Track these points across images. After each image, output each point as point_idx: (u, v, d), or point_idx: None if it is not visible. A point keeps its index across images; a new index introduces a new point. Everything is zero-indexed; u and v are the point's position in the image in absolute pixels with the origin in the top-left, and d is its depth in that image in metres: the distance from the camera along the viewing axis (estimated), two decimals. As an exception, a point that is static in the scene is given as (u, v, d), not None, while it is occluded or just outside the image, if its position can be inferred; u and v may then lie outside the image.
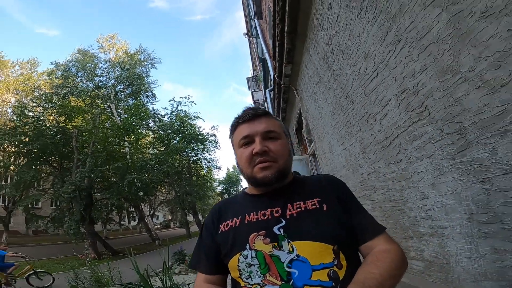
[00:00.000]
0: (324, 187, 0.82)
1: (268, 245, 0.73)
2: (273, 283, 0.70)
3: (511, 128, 0.77)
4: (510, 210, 0.81)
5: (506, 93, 0.78)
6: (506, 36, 0.79)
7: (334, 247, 0.69)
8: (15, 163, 14.65)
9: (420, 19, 1.18)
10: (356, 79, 1.85)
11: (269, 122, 0.83)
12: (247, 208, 0.82)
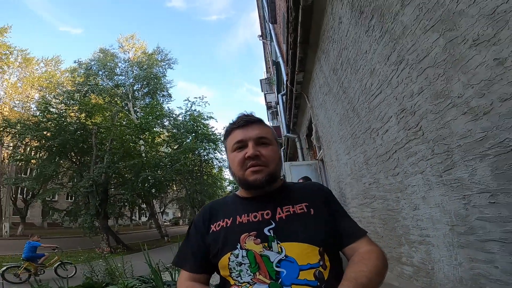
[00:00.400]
0: (311, 193, 0.87)
1: (259, 245, 0.76)
2: (263, 282, 0.73)
3: (489, 153, 0.86)
4: (483, 224, 0.90)
5: (487, 121, 0.87)
6: (492, 65, 0.87)
7: (320, 248, 0.74)
8: (36, 157, 15.29)
9: (420, 42, 1.27)
10: (362, 94, 1.94)
11: (261, 129, 0.87)
12: (239, 210, 0.85)
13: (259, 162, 0.82)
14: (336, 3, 2.39)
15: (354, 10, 2.03)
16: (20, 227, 18.84)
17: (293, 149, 7.23)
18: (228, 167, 0.91)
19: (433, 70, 1.14)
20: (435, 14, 1.16)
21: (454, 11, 1.04)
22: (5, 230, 17.51)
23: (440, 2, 1.12)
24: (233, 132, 0.88)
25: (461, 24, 1.00)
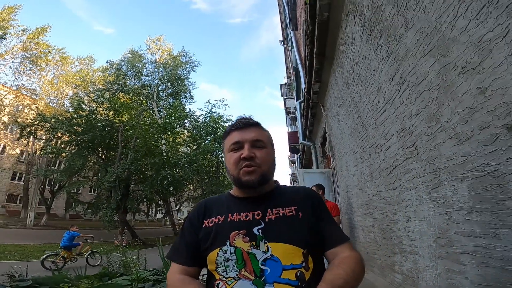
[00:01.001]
0: (301, 198, 0.90)
1: (247, 244, 0.80)
2: (247, 278, 0.77)
3: (468, 176, 0.94)
4: (459, 238, 0.98)
5: (468, 147, 0.95)
6: (475, 94, 0.94)
7: (304, 250, 0.77)
8: (66, 151, 16.20)
9: (419, 66, 1.35)
10: (370, 110, 2.02)
11: (258, 132, 0.91)
12: (231, 208, 0.89)
13: (253, 163, 0.85)
14: (350, 19, 2.49)
15: (365, 29, 2.12)
16: (44, 217, 19.64)
17: (309, 156, 7.28)
18: (225, 166, 0.94)
19: (429, 94, 1.23)
20: (432, 39, 1.24)
21: (449, 38, 1.11)
22: (29, 220, 18.02)
23: (437, 27, 1.20)
24: (231, 133, 0.92)
25: (453, 51, 1.08)
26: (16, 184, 25.91)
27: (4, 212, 23.78)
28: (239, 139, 0.89)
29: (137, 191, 17.08)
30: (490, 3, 0.91)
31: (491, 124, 0.84)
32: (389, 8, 1.71)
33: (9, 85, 20.27)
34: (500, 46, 0.86)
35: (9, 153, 25.61)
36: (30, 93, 21.01)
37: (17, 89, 20.10)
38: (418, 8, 1.38)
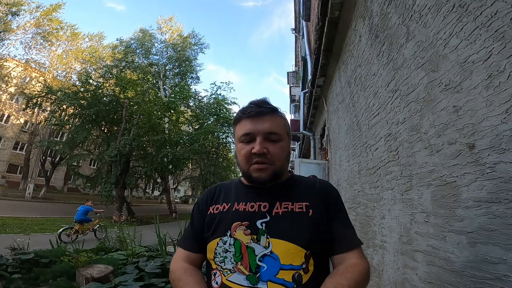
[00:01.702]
0: (316, 193, 0.83)
1: (247, 237, 0.76)
2: (242, 272, 0.73)
3: (432, 184, 1.08)
4: (417, 237, 1.14)
5: (437, 158, 1.08)
6: (451, 111, 1.06)
7: (307, 252, 0.73)
8: (70, 123, 16.45)
9: (412, 77, 1.45)
10: (366, 111, 2.14)
11: (273, 122, 0.82)
12: (239, 196, 0.85)
13: (265, 160, 0.79)
14: (359, 21, 2.54)
15: (371, 33, 2.19)
16: (43, 189, 19.87)
17: (308, 146, 7.43)
18: (235, 155, 0.88)
19: (415, 105, 1.35)
20: (427, 54, 1.32)
21: (440, 54, 1.18)
22: (28, 192, 18.09)
23: (433, 43, 1.27)
24: (242, 120, 0.84)
25: (442, 68, 1.16)
26: (18, 154, 26.26)
27: (4, 183, 24.18)
28: (251, 130, 0.81)
29: (137, 167, 17.35)
30: (482, 25, 0.95)
31: (457, 141, 0.97)
32: (396, 17, 1.78)
33: (18, 59, 20.53)
34: (480, 69, 0.93)
35: (13, 122, 25.89)
36: (39, 66, 21.27)
37: (26, 62, 20.28)
38: (421, 22, 1.45)
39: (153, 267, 3.25)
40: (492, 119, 0.81)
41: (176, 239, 5.30)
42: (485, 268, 0.77)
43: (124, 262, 3.72)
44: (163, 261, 3.51)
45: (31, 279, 3.29)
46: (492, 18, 0.87)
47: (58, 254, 3.81)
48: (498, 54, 0.84)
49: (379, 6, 2.04)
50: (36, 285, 3.23)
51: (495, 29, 0.86)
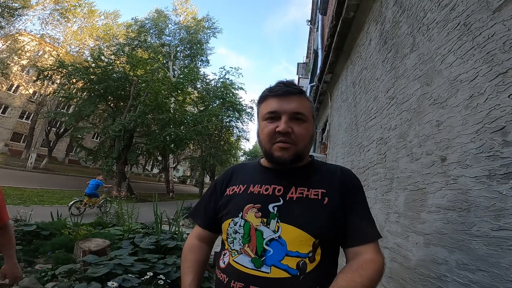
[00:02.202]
0: (335, 181, 0.81)
1: (258, 219, 0.76)
2: (248, 254, 0.74)
3: (407, 188, 1.21)
4: (388, 235, 1.28)
5: (415, 166, 1.20)
6: (434, 125, 1.15)
7: (316, 240, 0.72)
8: (78, 96, 16.62)
9: (409, 87, 1.54)
10: (364, 113, 2.23)
11: (300, 103, 0.81)
12: (255, 179, 0.85)
13: (289, 139, 0.78)
14: (372, 25, 2.58)
15: (381, 38, 2.24)
16: (45, 160, 20.11)
17: (308, 140, 7.53)
18: (257, 133, 0.87)
19: (406, 114, 1.45)
20: (425, 67, 1.39)
21: (436, 69, 1.24)
22: (30, 162, 18.25)
23: (432, 57, 1.33)
24: (269, 99, 0.83)
25: (435, 83, 1.23)
26: (23, 123, 26.57)
27: (6, 151, 24.65)
28: (277, 108, 0.80)
29: (139, 144, 17.57)
30: (478, 46, 1.00)
31: (433, 153, 1.08)
32: (406, 27, 1.83)
33: (34, 33, 20.97)
34: (465, 88, 1.00)
35: (22, 92, 26.24)
36: (53, 41, 21.62)
37: (41, 36, 20.61)
38: (427, 35, 1.49)
39: (147, 243, 3.42)
40: (463, 137, 0.92)
41: (172, 218, 5.50)
42: (432, 268, 0.90)
43: (120, 237, 3.86)
44: (158, 238, 3.68)
45: (31, 251, 3.39)
46: (488, 40, 0.92)
47: (59, 227, 3.96)
48: (483, 76, 0.91)
49: (393, 14, 2.08)
50: (35, 257, 3.34)
51: (488, 51, 0.91)
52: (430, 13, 1.39)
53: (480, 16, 0.97)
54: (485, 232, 0.74)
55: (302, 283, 0.70)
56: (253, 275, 0.72)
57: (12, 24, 16.99)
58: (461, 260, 0.80)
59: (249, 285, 0.72)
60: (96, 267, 2.63)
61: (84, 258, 2.83)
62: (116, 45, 19.41)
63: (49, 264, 3.14)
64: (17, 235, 3.55)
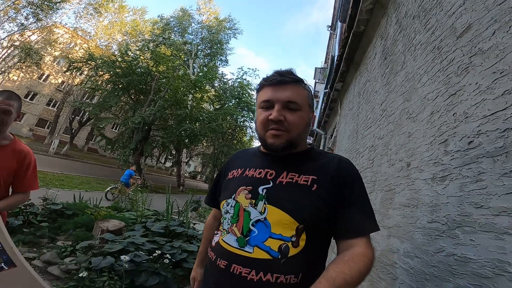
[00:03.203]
0: (329, 169, 0.81)
1: (247, 200, 0.79)
2: (234, 234, 0.77)
3: (384, 189, 1.40)
4: None
5: (391, 170, 1.40)
6: (406, 136, 1.34)
7: (299, 225, 0.73)
8: (102, 88, 17.54)
9: (395, 102, 1.71)
10: (363, 123, 2.42)
11: (294, 91, 0.82)
12: (252, 163, 0.89)
13: (281, 127, 0.80)
14: (378, 40, 2.75)
15: (383, 54, 2.42)
16: (66, 146, 21.12)
17: (318, 143, 7.67)
18: (254, 121, 0.90)
19: (391, 126, 1.64)
20: (408, 84, 1.55)
21: (415, 87, 1.39)
22: (52, 147, 19.26)
23: (414, 76, 1.43)
24: (264, 88, 0.86)
25: (412, 99, 1.38)
26: (49, 110, 28.13)
27: (31, 136, 26.06)
28: (271, 97, 0.83)
29: (156, 136, 18.20)
30: (442, 68, 1.12)
31: (403, 159, 1.28)
32: (401, 45, 2.00)
33: (68, 26, 22.51)
34: (429, 106, 1.15)
35: (51, 81, 27.98)
36: (84, 34, 23.02)
37: (74, 29, 22.05)
38: (414, 55, 1.58)
39: (158, 227, 3.74)
40: (423, 146, 1.11)
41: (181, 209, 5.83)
42: (389, 256, 1.10)
43: (133, 221, 4.23)
44: (167, 224, 3.99)
45: (55, 228, 3.75)
46: (450, 64, 1.06)
47: (81, 208, 4.34)
48: (441, 96, 1.08)
49: (393, 32, 2.25)
50: (57, 234, 3.69)
51: (448, 74, 1.04)
52: (418, 35, 1.52)
53: (448, 41, 1.11)
54: (423, 224, 0.94)
55: (282, 267, 0.71)
56: (236, 254, 0.75)
57: (50, 16, 18.06)
58: (406, 248, 1.00)
59: (232, 263, 0.74)
60: (112, 244, 2.95)
61: (103, 236, 3.17)
62: (142, 41, 20.35)
63: (69, 241, 3.49)
64: (44, 212, 3.94)
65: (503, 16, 0.86)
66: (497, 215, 0.60)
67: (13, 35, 18.16)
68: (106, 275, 2.53)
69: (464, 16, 1.05)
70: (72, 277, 2.59)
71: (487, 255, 0.59)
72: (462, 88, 0.95)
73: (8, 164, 1.54)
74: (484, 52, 0.90)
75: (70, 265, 2.79)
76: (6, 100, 1.47)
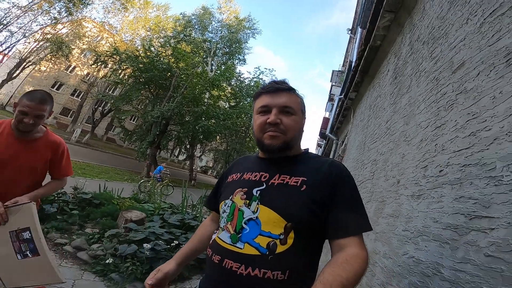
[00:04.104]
0: (320, 172, 0.84)
1: (242, 201, 0.84)
2: (228, 231, 0.83)
3: (378, 199, 1.60)
4: None
5: (385, 184, 1.60)
6: (400, 157, 1.52)
7: (287, 223, 0.76)
8: (126, 82, 18.32)
9: (397, 123, 1.87)
10: (370, 136, 2.60)
11: (288, 98, 0.90)
12: (249, 167, 0.94)
13: (278, 129, 0.86)
14: (392, 57, 2.89)
15: (394, 72, 2.57)
16: (87, 135, 22.06)
17: (330, 149, 7.80)
18: (252, 126, 0.96)
19: (392, 145, 1.82)
20: (409, 109, 1.65)
21: (414, 113, 1.52)
22: (74, 135, 20.15)
23: (414, 102, 1.56)
24: (261, 96, 0.93)
25: (410, 123, 1.52)
26: (73, 100, 29.57)
27: (54, 124, 27.31)
28: (268, 103, 0.89)
29: (173, 131, 18.75)
30: (436, 100, 1.24)
31: (395, 176, 1.48)
32: (409, 68, 2.12)
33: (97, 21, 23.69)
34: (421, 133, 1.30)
35: (77, 73, 29.43)
36: (111, 29, 24.24)
37: (101, 23, 23.23)
38: (417, 81, 1.67)
39: (174, 220, 4.06)
40: (410, 168, 1.31)
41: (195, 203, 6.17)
42: (372, 257, 1.31)
43: (151, 212, 4.56)
44: (183, 217, 4.31)
45: (83, 216, 4.05)
46: (442, 97, 1.19)
47: (108, 198, 4.67)
48: (431, 126, 1.24)
49: (406, 53, 2.36)
50: (86, 222, 4.00)
51: (438, 106, 1.18)
52: (424, 62, 1.58)
53: (445, 74, 1.22)
54: (399, 232, 1.15)
55: (269, 263, 0.75)
56: (229, 250, 0.80)
57: (81, 11, 18.99)
58: (385, 251, 1.22)
59: (224, 258, 0.80)
60: (135, 233, 3.27)
61: (127, 225, 3.50)
62: (164, 37, 20.97)
63: (96, 228, 3.82)
64: (74, 201, 4.24)
65: (489, 59, 0.96)
66: (444, 229, 0.81)
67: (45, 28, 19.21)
68: (130, 261, 2.84)
69: (461, 52, 1.15)
70: (99, 262, 2.92)
71: (431, 259, 0.80)
72: (446, 123, 1.13)
73: (43, 154, 1.69)
74: (467, 92, 1.04)
75: (97, 251, 3.09)
76: (40, 105, 1.54)
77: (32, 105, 1.52)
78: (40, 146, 1.68)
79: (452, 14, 1.31)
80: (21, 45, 20.29)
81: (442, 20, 1.42)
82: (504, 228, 0.63)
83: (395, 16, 2.34)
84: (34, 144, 1.66)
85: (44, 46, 20.31)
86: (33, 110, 1.52)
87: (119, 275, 2.76)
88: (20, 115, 1.52)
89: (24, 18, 17.87)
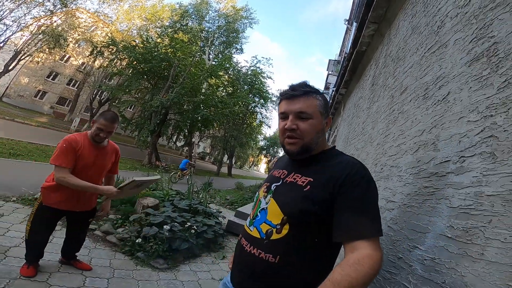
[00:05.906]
0: (330, 172, 0.87)
1: (263, 193, 0.99)
2: (251, 217, 1.00)
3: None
4: None
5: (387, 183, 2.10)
6: (367, 157, 2.05)
7: (284, 217, 0.87)
8: (124, 73, 18.37)
9: (369, 125, 2.36)
10: (351, 133, 3.09)
11: (304, 103, 0.93)
12: (280, 165, 1.08)
13: (295, 135, 0.92)
14: (373, 63, 3.28)
15: (373, 79, 2.95)
16: (86, 124, 22.17)
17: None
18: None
19: (363, 144, 2.30)
20: (376, 116, 2.09)
21: (377, 121, 2.06)
22: (73, 125, 20.47)
23: (379, 113, 2.06)
24: (281, 102, 0.99)
25: (375, 129, 2.03)
26: (70, 89, 29.51)
27: (51, 113, 27.36)
28: (285, 109, 0.95)
29: (173, 120, 19.10)
30: (390, 114, 1.47)
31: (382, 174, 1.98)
32: (381, 79, 2.26)
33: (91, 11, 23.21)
34: (378, 139, 1.65)
35: (72, 63, 29.24)
36: (106, 18, 23.77)
37: (95, 13, 22.73)
38: (383, 94, 1.89)
39: (184, 205, 4.58)
40: (370, 165, 1.81)
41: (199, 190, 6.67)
42: None
43: (162, 199, 5.05)
44: (190, 202, 4.83)
45: None
46: (391, 113, 1.51)
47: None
48: (382, 134, 1.69)
49: (381, 64, 2.33)
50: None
51: (389, 120, 1.55)
52: (390, 78, 1.79)
53: (397, 94, 1.59)
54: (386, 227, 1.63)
55: (264, 246, 0.89)
56: (245, 231, 0.99)
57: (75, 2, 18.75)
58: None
59: (243, 237, 1.00)
60: (154, 217, 3.78)
61: (146, 210, 4.01)
62: (161, 27, 20.92)
63: (117, 215, 4.21)
64: None
65: (418, 89, 1.23)
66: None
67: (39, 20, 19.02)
68: (152, 241, 3.36)
69: (408, 78, 1.38)
70: (126, 244, 3.39)
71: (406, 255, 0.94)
72: (389, 134, 1.60)
73: (110, 157, 2.35)
74: (403, 113, 1.39)
75: (123, 234, 3.55)
76: (112, 124, 2.15)
77: (106, 124, 2.14)
78: (108, 151, 2.31)
79: (411, 40, 1.49)
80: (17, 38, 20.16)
81: (405, 43, 1.60)
82: (397, 209, 1.15)
83: (378, 27, 2.55)
84: (104, 150, 2.29)
85: (39, 38, 20.14)
86: (107, 128, 2.14)
87: (144, 253, 3.25)
88: (97, 131, 2.13)
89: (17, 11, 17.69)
